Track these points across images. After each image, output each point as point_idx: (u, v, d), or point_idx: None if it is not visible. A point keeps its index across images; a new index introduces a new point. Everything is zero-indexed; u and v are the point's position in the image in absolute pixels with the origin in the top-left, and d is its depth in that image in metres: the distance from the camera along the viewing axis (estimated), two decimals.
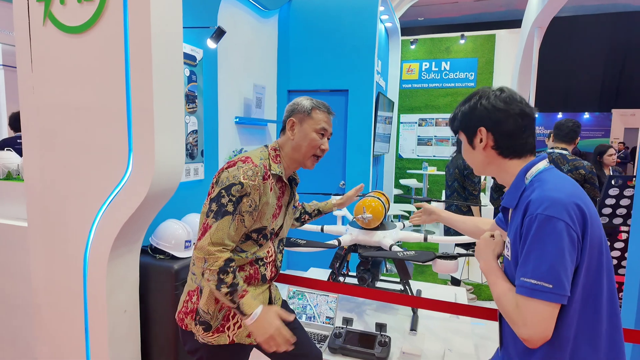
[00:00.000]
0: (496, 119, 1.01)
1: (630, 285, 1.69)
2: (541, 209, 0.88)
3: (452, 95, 6.86)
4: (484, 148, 1.04)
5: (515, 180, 1.02)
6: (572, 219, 0.86)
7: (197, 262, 1.22)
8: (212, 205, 1.22)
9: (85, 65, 1.67)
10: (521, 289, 0.89)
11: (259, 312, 1.21)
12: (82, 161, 1.73)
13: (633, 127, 8.24)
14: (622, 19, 8.10)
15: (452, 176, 3.47)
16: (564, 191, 0.90)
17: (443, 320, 2.25)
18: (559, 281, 0.85)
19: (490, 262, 1.05)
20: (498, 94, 1.03)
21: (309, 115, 1.37)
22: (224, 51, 3.03)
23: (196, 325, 1.30)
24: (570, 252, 0.86)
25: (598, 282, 0.91)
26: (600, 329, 0.91)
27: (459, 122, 1.09)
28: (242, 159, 1.28)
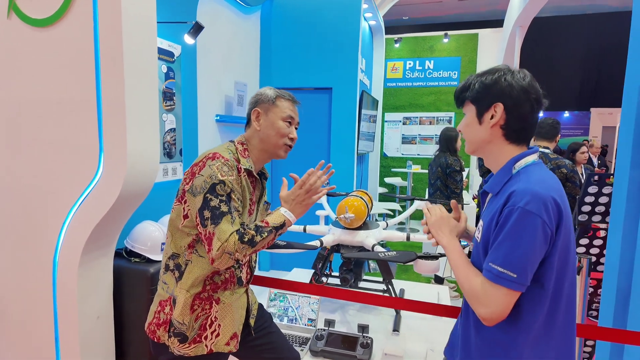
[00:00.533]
0: (517, 98, 0.98)
1: (608, 282, 1.71)
2: (522, 202, 0.90)
3: (436, 94, 6.90)
4: (492, 126, 1.01)
5: (503, 168, 1.02)
6: (549, 216, 0.90)
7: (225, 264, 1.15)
8: (205, 213, 1.16)
9: (53, 59, 1.59)
10: (488, 274, 0.93)
11: (285, 209, 1.23)
12: (50, 161, 1.65)
13: (610, 125, 8.44)
14: (599, 20, 8.28)
15: (435, 174, 3.47)
16: (545, 187, 0.92)
17: (426, 319, 2.24)
18: (523, 272, 0.90)
19: (453, 240, 1.08)
20: (523, 75, 1.00)
21: (273, 104, 1.32)
22: (204, 47, 2.96)
23: (170, 337, 1.23)
24: (541, 247, 0.90)
25: (562, 274, 0.95)
26: (556, 317, 0.96)
27: (475, 93, 1.03)
28: (209, 156, 1.22)
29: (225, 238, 1.13)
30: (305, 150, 3.79)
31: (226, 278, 1.28)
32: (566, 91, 8.94)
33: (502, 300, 0.91)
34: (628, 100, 1.62)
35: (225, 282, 1.28)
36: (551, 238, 0.91)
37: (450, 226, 1.12)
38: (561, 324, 0.97)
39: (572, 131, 9.09)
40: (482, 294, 0.94)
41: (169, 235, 1.29)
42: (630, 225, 1.61)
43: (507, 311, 0.93)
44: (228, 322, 1.27)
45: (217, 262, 1.15)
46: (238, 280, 1.32)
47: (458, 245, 1.07)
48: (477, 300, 0.95)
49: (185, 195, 1.22)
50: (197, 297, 1.24)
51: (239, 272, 1.32)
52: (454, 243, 1.08)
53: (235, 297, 1.31)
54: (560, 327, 0.97)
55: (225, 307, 1.28)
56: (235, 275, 1.30)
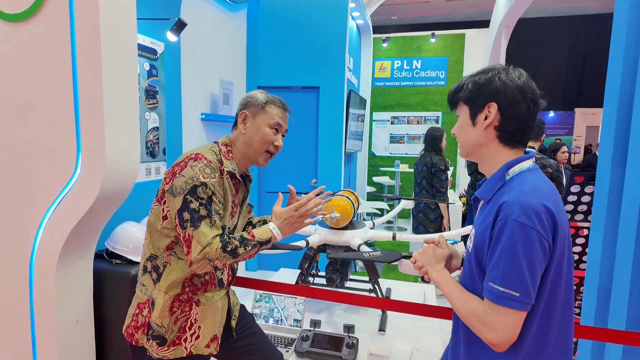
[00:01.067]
0: (512, 98, 0.93)
1: (590, 280, 1.73)
2: (515, 215, 0.85)
3: (423, 94, 6.95)
4: (486, 127, 0.96)
5: (497, 174, 0.97)
6: (545, 228, 0.85)
7: (203, 269, 1.14)
8: (184, 215, 1.13)
9: (27, 56, 1.54)
10: (489, 294, 0.88)
11: (274, 225, 1.22)
12: (25, 161, 1.60)
13: (594, 125, 8.60)
14: (582, 22, 8.43)
15: (421, 174, 3.48)
16: (539, 196, 0.87)
17: (412, 319, 2.24)
18: (526, 290, 0.84)
19: (442, 272, 1.04)
20: (518, 75, 0.96)
21: (262, 109, 1.30)
22: (188, 45, 2.91)
23: (149, 340, 1.20)
24: (540, 261, 0.85)
25: (554, 290, 0.90)
26: (549, 332, 0.91)
27: (468, 93, 0.99)
28: (191, 157, 1.19)
29: (207, 242, 1.11)
30: (293, 150, 3.78)
31: (206, 280, 1.26)
32: (551, 91, 9.07)
33: (508, 322, 0.86)
34: (609, 101, 1.64)
35: (205, 284, 1.25)
36: (549, 251, 0.86)
37: (436, 258, 1.08)
38: (555, 343, 0.92)
39: (556, 131, 9.24)
40: (485, 318, 0.88)
41: (147, 237, 1.26)
42: (611, 224, 1.63)
43: (515, 333, 0.87)
44: (208, 324, 1.25)
45: (195, 266, 1.13)
46: (219, 282, 1.29)
47: (448, 275, 1.04)
48: (482, 324, 0.89)
49: (165, 196, 1.19)
50: (177, 299, 1.21)
51: (219, 274, 1.30)
52: (443, 274, 1.04)
53: (216, 298, 1.29)
54: (553, 346, 0.92)
55: (206, 309, 1.25)
56: (215, 277, 1.28)
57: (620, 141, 1.60)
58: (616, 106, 1.60)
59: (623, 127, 1.59)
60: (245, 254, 1.16)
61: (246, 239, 1.17)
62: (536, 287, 0.86)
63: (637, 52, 1.53)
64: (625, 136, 1.58)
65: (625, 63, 1.57)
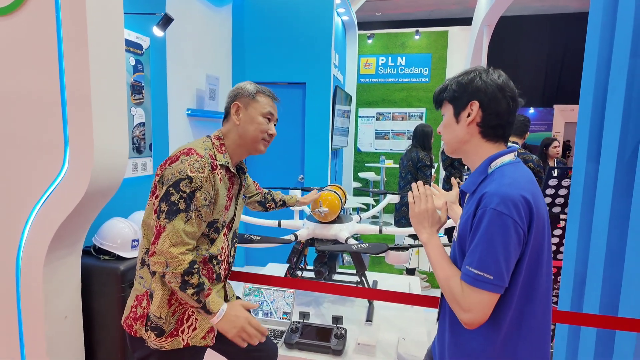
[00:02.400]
0: (493, 96, 1.00)
1: (567, 269, 1.81)
2: (494, 204, 0.91)
3: (408, 90, 7.03)
4: (469, 123, 1.03)
5: (479, 168, 1.03)
6: (521, 216, 0.90)
7: (157, 267, 1.13)
8: (162, 205, 1.14)
9: (13, 49, 1.52)
10: (465, 277, 0.94)
11: (225, 308, 1.19)
12: (11, 156, 1.58)
13: (572, 121, 8.86)
14: (561, 21, 8.64)
15: (406, 168, 3.55)
16: (518, 188, 0.93)
17: (398, 309, 2.30)
18: (499, 273, 0.90)
19: (433, 237, 1.07)
20: (497, 75, 1.03)
21: (254, 99, 1.31)
22: (174, 40, 2.89)
23: (147, 331, 1.22)
24: (515, 247, 0.91)
25: (536, 274, 0.96)
26: (532, 318, 0.97)
27: (452, 92, 1.05)
28: (184, 151, 1.20)
29: (177, 240, 1.12)
30: (280, 146, 3.79)
31: (203, 275, 1.27)
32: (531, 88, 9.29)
33: (482, 303, 0.91)
34: (584, 98, 1.71)
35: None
36: (524, 238, 0.92)
37: (432, 220, 1.09)
38: (537, 326, 0.97)
39: (536, 127, 9.48)
40: (462, 298, 0.94)
41: (143, 231, 1.27)
42: (586, 215, 1.71)
43: (487, 314, 0.93)
44: (205, 317, 1.27)
45: (154, 258, 1.13)
46: (217, 276, 1.31)
47: (438, 242, 1.06)
48: (458, 305, 0.95)
49: (156, 188, 1.21)
50: (174, 292, 1.23)
51: (218, 269, 1.31)
52: (434, 240, 1.06)
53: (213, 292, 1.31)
54: (535, 332, 0.97)
55: None
56: (214, 272, 1.30)
57: (595, 137, 1.68)
58: (591, 104, 1.67)
59: (597, 123, 1.67)
60: (187, 297, 1.15)
61: (202, 290, 1.15)
62: (510, 271, 0.92)
63: (610, 51, 1.60)
64: (599, 132, 1.65)
65: (599, 61, 1.64)
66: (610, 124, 1.56)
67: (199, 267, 1.17)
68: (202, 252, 1.25)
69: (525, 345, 0.97)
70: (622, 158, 1.52)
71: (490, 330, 0.97)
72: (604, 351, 1.58)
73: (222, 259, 1.33)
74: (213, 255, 1.28)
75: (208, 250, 1.27)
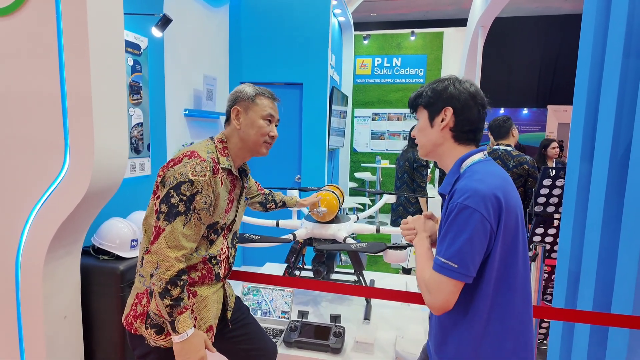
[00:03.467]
0: (465, 102, 1.07)
1: (561, 267, 1.84)
2: (462, 198, 0.97)
3: (403, 91, 7.07)
4: (443, 128, 1.09)
5: (452, 169, 1.09)
6: (488, 211, 0.96)
7: (148, 265, 1.15)
8: (162, 207, 1.15)
9: (13, 49, 1.52)
10: (434, 265, 1.02)
11: (190, 332, 1.17)
12: (11, 156, 1.58)
13: (565, 122, 8.95)
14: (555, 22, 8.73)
15: (402, 169, 3.58)
16: (487, 183, 0.98)
17: (395, 308, 2.32)
18: (464, 263, 0.96)
19: (423, 240, 1.16)
20: (469, 84, 1.10)
21: (253, 102, 1.32)
22: (171, 40, 2.90)
23: (147, 329, 1.23)
24: (480, 239, 0.96)
25: (512, 265, 1.02)
26: (512, 307, 1.02)
27: (427, 98, 1.12)
28: (187, 154, 1.21)
29: (173, 244, 1.13)
30: (277, 146, 3.79)
31: (203, 274, 1.29)
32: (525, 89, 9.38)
33: (445, 289, 0.98)
34: (578, 99, 1.74)
35: (202, 278, 1.29)
36: (491, 231, 0.97)
37: (425, 227, 1.19)
38: (518, 315, 1.02)
39: (530, 127, 9.56)
40: (429, 284, 1.01)
41: (144, 230, 1.28)
42: (580, 214, 1.74)
43: (450, 300, 0.98)
44: (204, 315, 1.29)
45: (148, 257, 1.14)
46: (216, 276, 1.33)
47: (427, 244, 1.15)
48: (426, 289, 1.02)
49: (158, 189, 1.22)
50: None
51: (217, 268, 1.33)
52: (424, 242, 1.16)
53: (212, 291, 1.32)
54: (516, 317, 1.02)
55: (202, 300, 1.29)
56: (213, 272, 1.31)
57: (588, 137, 1.71)
58: (584, 104, 1.70)
59: (590, 124, 1.70)
60: (161, 306, 1.14)
61: (178, 306, 1.14)
62: (476, 262, 0.98)
63: (603, 53, 1.63)
64: (593, 132, 1.69)
65: (592, 63, 1.67)
66: (603, 124, 1.59)
67: (186, 280, 1.17)
68: (202, 253, 1.27)
69: (509, 333, 1.02)
70: (614, 158, 1.55)
71: (473, 321, 1.02)
72: (598, 347, 1.61)
73: (221, 259, 1.34)
74: (212, 255, 1.30)
75: (207, 251, 1.28)
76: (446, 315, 1.06)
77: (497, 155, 2.91)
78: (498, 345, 1.02)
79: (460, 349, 1.05)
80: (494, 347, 1.02)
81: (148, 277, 1.25)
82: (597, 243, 1.60)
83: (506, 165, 2.85)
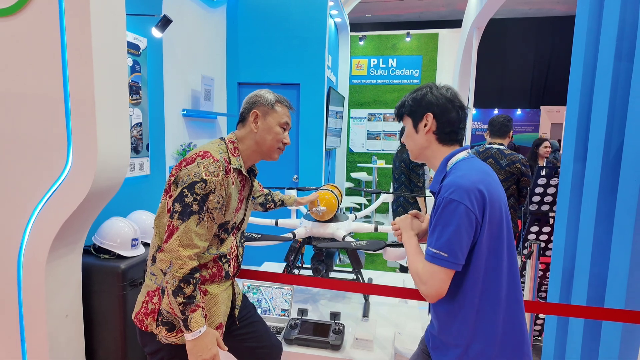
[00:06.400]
0: (443, 107, 1.16)
1: (555, 264, 1.89)
2: (447, 193, 1.06)
3: (399, 92, 7.11)
4: (427, 132, 1.18)
5: (439, 168, 1.18)
6: (472, 203, 1.04)
7: (162, 263, 1.16)
8: (176, 206, 1.17)
9: (16, 50, 1.54)
10: (426, 256, 1.09)
11: (203, 330, 1.19)
12: (14, 155, 1.59)
13: (558, 122, 9.06)
14: (548, 24, 8.84)
15: (399, 170, 3.61)
16: (470, 178, 1.06)
17: (393, 305, 2.36)
18: (453, 252, 1.04)
19: (412, 238, 1.25)
20: (446, 89, 1.20)
21: (272, 109, 1.34)
22: (170, 41, 2.91)
23: (158, 326, 1.25)
24: (467, 230, 1.04)
25: (498, 253, 1.09)
26: (500, 291, 1.10)
27: (409, 107, 1.21)
28: (200, 154, 1.22)
29: (187, 242, 1.15)
30: None
31: (214, 272, 1.31)
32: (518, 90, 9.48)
33: (437, 277, 1.06)
34: (572, 100, 1.78)
35: (213, 276, 1.31)
36: (476, 222, 1.05)
37: (412, 226, 1.29)
38: (507, 296, 1.10)
39: (523, 127, 9.67)
40: (421, 273, 1.09)
41: (155, 229, 1.30)
42: (574, 213, 1.78)
43: (443, 287, 1.06)
44: (214, 313, 1.31)
45: (162, 255, 1.16)
46: (225, 274, 1.35)
47: (415, 241, 1.24)
48: (418, 279, 1.10)
49: (171, 188, 1.23)
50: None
51: (227, 267, 1.35)
52: (412, 239, 1.24)
53: (222, 289, 1.34)
54: (505, 303, 1.10)
55: (212, 298, 1.31)
56: (223, 270, 1.33)
57: (582, 137, 1.75)
58: (577, 105, 1.75)
59: (584, 124, 1.74)
60: (174, 304, 1.16)
61: (190, 304, 1.16)
62: (463, 250, 1.05)
63: (596, 56, 1.67)
64: (586, 134, 1.73)
65: (585, 66, 1.71)
66: (596, 126, 1.63)
67: (199, 278, 1.19)
68: (213, 252, 1.29)
69: (500, 317, 1.10)
70: (607, 158, 1.60)
71: (466, 305, 1.10)
72: (592, 340, 1.65)
73: (231, 257, 1.36)
74: (223, 254, 1.32)
75: (218, 249, 1.30)
76: (442, 302, 1.14)
77: (490, 154, 2.95)
78: (491, 326, 1.09)
79: (459, 331, 1.12)
80: (487, 328, 1.10)
81: (160, 275, 1.26)
82: (591, 240, 1.64)
83: (499, 164, 2.89)
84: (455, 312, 1.12)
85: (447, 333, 1.16)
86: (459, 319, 1.12)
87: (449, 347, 1.15)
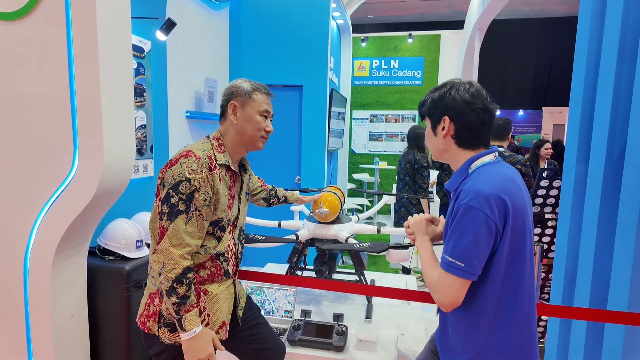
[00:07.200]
0: (461, 111, 1.09)
1: (557, 266, 1.89)
2: (467, 199, 1.00)
3: (401, 93, 7.12)
4: (444, 136, 1.13)
5: (461, 168, 1.12)
6: (493, 211, 0.98)
7: (156, 265, 1.18)
8: (164, 207, 1.19)
9: (23, 54, 1.55)
10: (442, 264, 1.05)
11: (198, 330, 1.20)
12: (21, 158, 1.61)
13: (560, 123, 9.05)
14: (550, 25, 8.83)
15: (404, 170, 3.62)
16: (492, 185, 1.01)
17: (395, 307, 2.36)
18: (469, 261, 1.00)
19: (426, 242, 1.21)
20: (467, 87, 1.10)
21: (250, 98, 1.33)
22: (173, 43, 2.93)
23: (161, 328, 1.26)
24: (485, 239, 0.99)
25: (519, 265, 1.04)
26: (517, 304, 1.05)
27: (427, 108, 1.17)
28: (183, 154, 1.23)
29: (178, 242, 1.17)
30: (277, 148, 3.83)
31: (212, 272, 1.32)
32: (520, 91, 9.48)
33: (453, 286, 1.02)
34: (574, 101, 1.78)
35: (212, 275, 1.31)
36: (496, 231, 0.99)
37: (425, 230, 1.24)
38: (524, 312, 1.06)
39: (526, 128, 9.66)
40: (437, 282, 1.05)
41: (151, 232, 1.31)
42: (576, 215, 1.79)
43: (458, 297, 1.02)
44: (216, 312, 1.32)
45: (154, 257, 1.18)
46: (225, 273, 1.35)
47: (429, 246, 1.19)
48: (434, 287, 1.06)
49: (159, 190, 1.25)
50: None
51: (225, 265, 1.35)
52: (426, 244, 1.20)
53: (222, 288, 1.35)
54: (522, 314, 1.06)
55: (213, 297, 1.31)
56: (222, 269, 1.34)
57: (584, 140, 1.76)
58: (580, 107, 1.75)
59: (586, 126, 1.74)
60: (168, 304, 1.18)
61: (184, 304, 1.17)
62: (481, 260, 1.01)
63: (598, 58, 1.68)
64: (588, 135, 1.73)
65: (587, 68, 1.72)
66: (599, 128, 1.64)
67: (192, 278, 1.20)
68: (210, 251, 1.29)
69: (514, 331, 1.06)
70: (609, 159, 1.60)
71: (480, 317, 1.06)
72: (594, 343, 1.65)
73: (229, 255, 1.37)
74: (220, 252, 1.32)
75: (215, 248, 1.31)
76: (455, 310, 1.10)
77: None
78: (503, 338, 1.05)
79: (470, 339, 1.08)
80: (499, 340, 1.05)
81: (157, 277, 1.28)
82: (593, 242, 1.64)
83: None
84: (468, 320, 1.09)
85: (457, 339, 1.12)
86: (471, 328, 1.08)
87: (457, 353, 1.12)
